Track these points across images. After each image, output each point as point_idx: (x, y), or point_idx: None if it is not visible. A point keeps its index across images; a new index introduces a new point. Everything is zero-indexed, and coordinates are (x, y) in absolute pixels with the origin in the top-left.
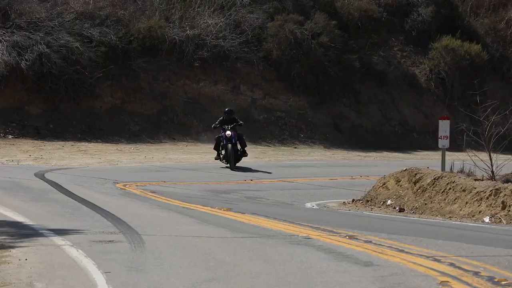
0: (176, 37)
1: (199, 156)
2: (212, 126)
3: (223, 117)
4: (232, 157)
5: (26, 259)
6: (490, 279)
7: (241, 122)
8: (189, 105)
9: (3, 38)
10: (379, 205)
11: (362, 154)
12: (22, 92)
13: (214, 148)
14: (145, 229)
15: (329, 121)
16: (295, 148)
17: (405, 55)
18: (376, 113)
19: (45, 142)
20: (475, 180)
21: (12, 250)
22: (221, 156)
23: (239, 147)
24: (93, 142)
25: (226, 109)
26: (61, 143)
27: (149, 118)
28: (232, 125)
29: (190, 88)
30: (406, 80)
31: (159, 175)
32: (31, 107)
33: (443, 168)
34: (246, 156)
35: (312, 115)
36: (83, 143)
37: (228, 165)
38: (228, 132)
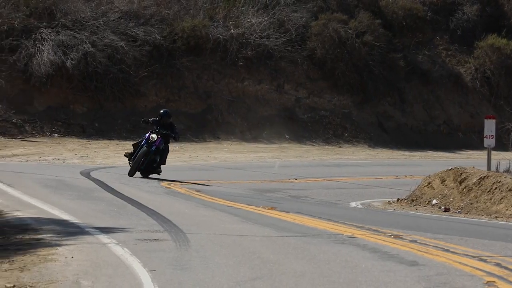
0: (220, 36)
1: (244, 155)
2: (142, 120)
3: (158, 118)
4: (138, 163)
5: (72, 257)
6: None
7: (175, 135)
8: (233, 104)
9: (49, 38)
10: (424, 205)
11: (407, 153)
12: (67, 91)
13: (134, 145)
14: (190, 227)
15: (373, 120)
16: (340, 147)
17: (450, 54)
18: (421, 112)
19: (90, 140)
20: None
21: (58, 248)
22: (134, 157)
23: (157, 159)
24: (138, 140)
25: (162, 111)
26: (106, 141)
27: (194, 117)
28: (165, 132)
29: (234, 87)
30: (451, 79)
31: (203, 174)
32: (77, 106)
33: (488, 168)
34: (159, 174)
35: (357, 114)
36: (128, 142)
37: (131, 165)
38: (154, 136)
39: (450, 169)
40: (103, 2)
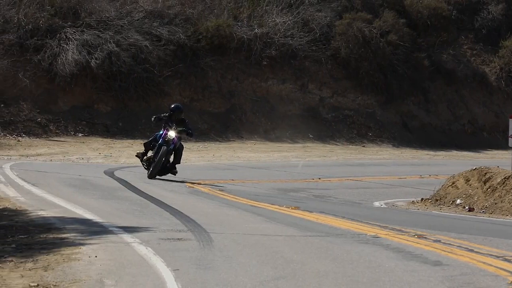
0: (244, 36)
1: (267, 154)
2: (153, 118)
3: (170, 114)
4: (159, 163)
5: (96, 256)
6: None
7: (191, 131)
8: (257, 104)
9: (73, 37)
10: (448, 205)
11: (431, 153)
12: (92, 91)
13: (145, 144)
14: (213, 227)
15: (397, 119)
16: (363, 146)
17: (474, 53)
18: (445, 112)
19: (114, 140)
20: None
21: (82, 247)
22: (145, 157)
23: (171, 159)
24: None
25: (174, 105)
26: (130, 141)
27: (218, 116)
28: (180, 129)
29: (258, 86)
30: (476, 78)
31: (227, 173)
32: (101, 105)
33: None
34: (175, 174)
35: (381, 114)
36: None
37: (148, 170)
38: (172, 134)
39: (475, 169)
40: (128, 1)
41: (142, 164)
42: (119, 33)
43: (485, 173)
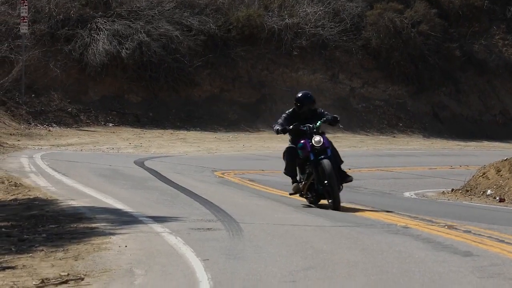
0: (275, 26)
1: None
2: (275, 129)
3: (294, 110)
4: (336, 186)
5: (126, 246)
6: None
7: (330, 115)
8: (288, 94)
9: (104, 27)
10: (479, 195)
11: (462, 143)
12: (122, 81)
13: (287, 170)
14: (243, 217)
15: (428, 110)
16: (394, 137)
17: (506, 44)
18: (476, 102)
19: (144, 130)
20: None
21: (112, 237)
22: (303, 182)
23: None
24: (192, 130)
25: (301, 94)
26: (160, 131)
27: (248, 106)
28: (317, 124)
29: (288, 76)
30: (508, 68)
31: (257, 164)
32: (131, 96)
33: None
34: (350, 181)
35: (411, 104)
36: (182, 131)
37: (313, 200)
38: (318, 139)
39: (506, 160)
40: None
41: (306, 198)
42: (150, 23)
43: None
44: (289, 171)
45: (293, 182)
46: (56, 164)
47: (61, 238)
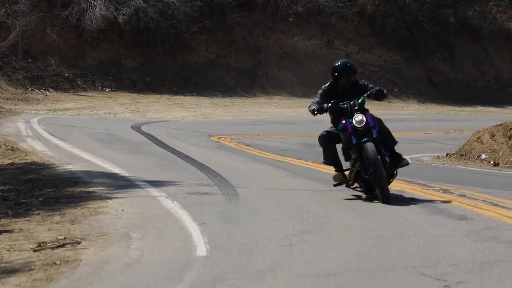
0: None
1: (293, 110)
2: (311, 109)
3: (331, 84)
4: (382, 174)
5: (122, 210)
6: None
7: (374, 88)
8: (284, 60)
9: None
10: (473, 160)
11: (456, 108)
12: (119, 46)
13: (326, 158)
14: (239, 181)
15: (423, 75)
16: (389, 102)
17: (500, 10)
18: (470, 68)
19: (141, 95)
20: None
21: (109, 201)
22: (346, 173)
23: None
24: (188, 95)
25: (338, 63)
26: (157, 96)
27: (244, 72)
28: (360, 100)
29: (284, 42)
30: (502, 35)
31: (253, 129)
32: (128, 61)
33: None
34: (406, 164)
35: (406, 70)
36: (178, 97)
37: (364, 189)
38: (360, 118)
39: (500, 125)
40: None
41: (354, 189)
42: None
43: (510, 129)
44: (329, 159)
45: (336, 171)
46: (53, 129)
47: (58, 202)
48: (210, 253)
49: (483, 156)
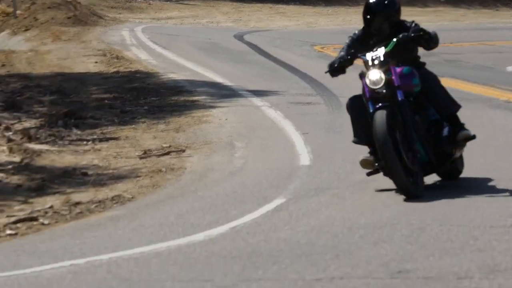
0: None
1: None
2: (333, 68)
3: (364, 29)
4: (395, 161)
5: (226, 119)
6: None
7: (421, 29)
8: None
9: None
10: None
11: None
12: None
13: (356, 134)
14: (342, 91)
15: None
16: (497, 10)
17: None
18: None
19: (244, 4)
20: None
21: (212, 110)
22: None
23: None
24: (291, 4)
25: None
26: (260, 5)
27: None
28: (387, 47)
29: None
30: None
31: None
32: None
33: None
34: (471, 137)
35: None
36: (281, 5)
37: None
38: (375, 77)
39: None
40: None
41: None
42: None
43: None
44: (360, 137)
45: (369, 153)
46: (157, 38)
47: (162, 111)
48: (313, 162)
49: None
